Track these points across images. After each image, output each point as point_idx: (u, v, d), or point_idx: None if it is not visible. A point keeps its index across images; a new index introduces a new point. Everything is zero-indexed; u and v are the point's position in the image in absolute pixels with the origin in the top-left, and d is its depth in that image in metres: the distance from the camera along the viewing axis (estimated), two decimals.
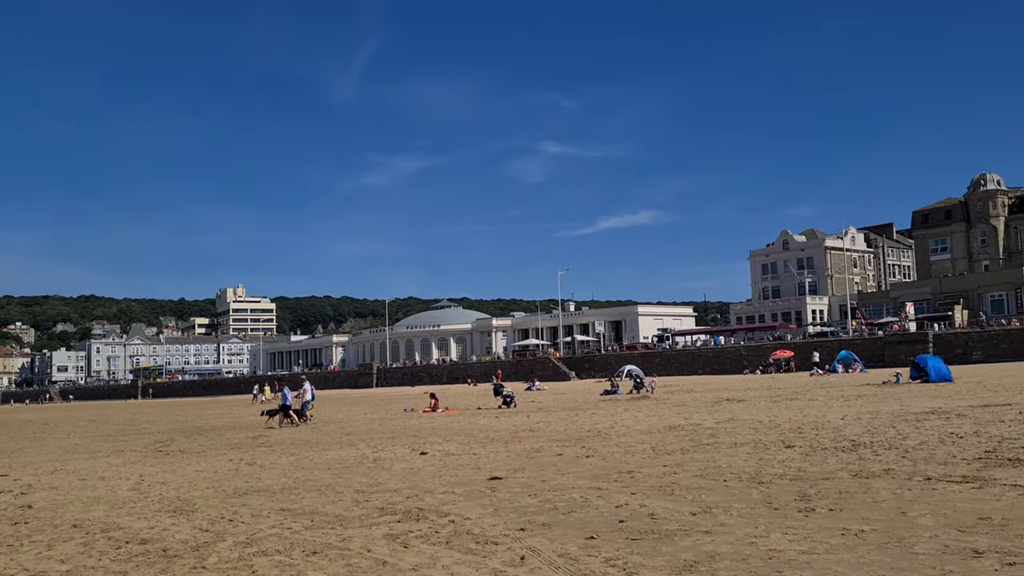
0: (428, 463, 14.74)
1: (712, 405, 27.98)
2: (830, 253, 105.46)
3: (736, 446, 14.94)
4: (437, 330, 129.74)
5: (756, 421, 20.24)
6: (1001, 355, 62.35)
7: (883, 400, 25.89)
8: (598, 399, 37.37)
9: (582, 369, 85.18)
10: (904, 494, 9.30)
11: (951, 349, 64.01)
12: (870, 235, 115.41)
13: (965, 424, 16.72)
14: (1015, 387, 28.66)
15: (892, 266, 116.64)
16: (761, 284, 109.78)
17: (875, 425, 17.56)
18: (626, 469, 12.54)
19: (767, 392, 35.07)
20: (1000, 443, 13.32)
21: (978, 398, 24.26)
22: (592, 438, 18.11)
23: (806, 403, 26.33)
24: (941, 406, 21.89)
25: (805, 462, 12.33)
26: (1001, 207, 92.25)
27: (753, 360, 73.16)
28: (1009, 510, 8.11)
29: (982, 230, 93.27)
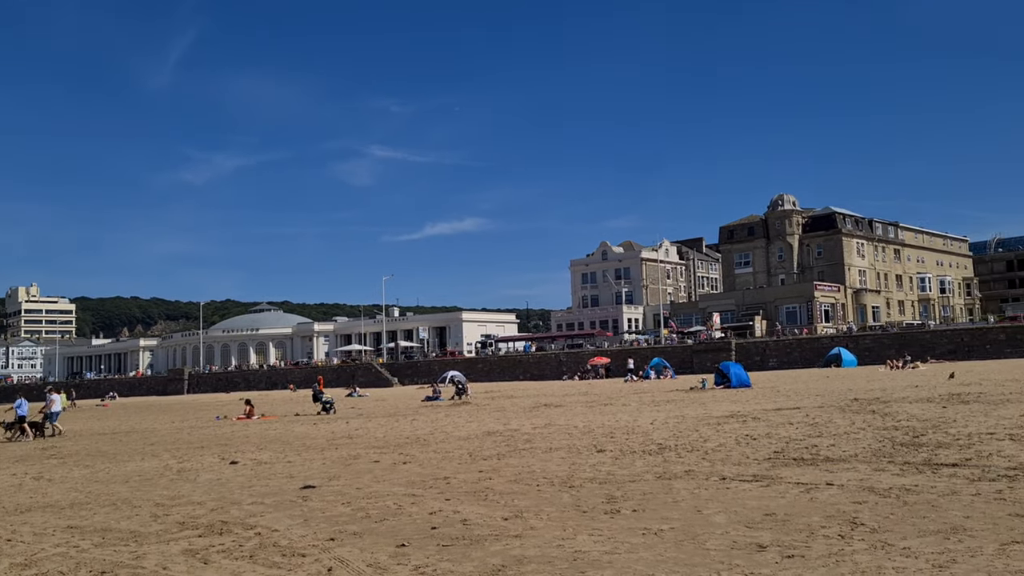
0: (238, 473, 14.13)
1: (531, 411, 28.57)
2: (646, 264, 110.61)
3: (551, 451, 15.31)
4: (256, 334, 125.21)
5: (571, 426, 20.84)
6: (793, 362, 67.65)
7: (689, 405, 27.37)
8: (420, 405, 37.28)
9: (405, 375, 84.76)
10: (701, 493, 9.85)
11: (751, 356, 68.76)
12: (682, 248, 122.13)
13: (759, 427, 17.95)
14: (804, 392, 31.12)
15: (701, 278, 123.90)
16: (581, 293, 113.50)
17: (681, 429, 18.51)
18: (442, 475, 12.55)
19: (584, 398, 36.23)
20: (788, 444, 14.39)
21: (772, 402, 26.14)
22: (411, 444, 18.01)
23: (619, 408, 27.40)
24: (740, 410, 23.41)
25: (615, 465, 12.80)
26: (796, 226, 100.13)
27: (572, 366, 75.48)
28: (791, 506, 8.75)
29: (779, 247, 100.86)
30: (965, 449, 12.42)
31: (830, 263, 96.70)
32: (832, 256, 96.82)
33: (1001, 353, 60.57)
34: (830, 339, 70.57)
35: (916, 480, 9.95)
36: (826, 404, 23.67)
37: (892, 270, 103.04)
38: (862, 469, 11.06)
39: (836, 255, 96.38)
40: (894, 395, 26.11)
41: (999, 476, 9.88)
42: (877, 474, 10.58)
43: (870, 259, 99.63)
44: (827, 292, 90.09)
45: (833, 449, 13.32)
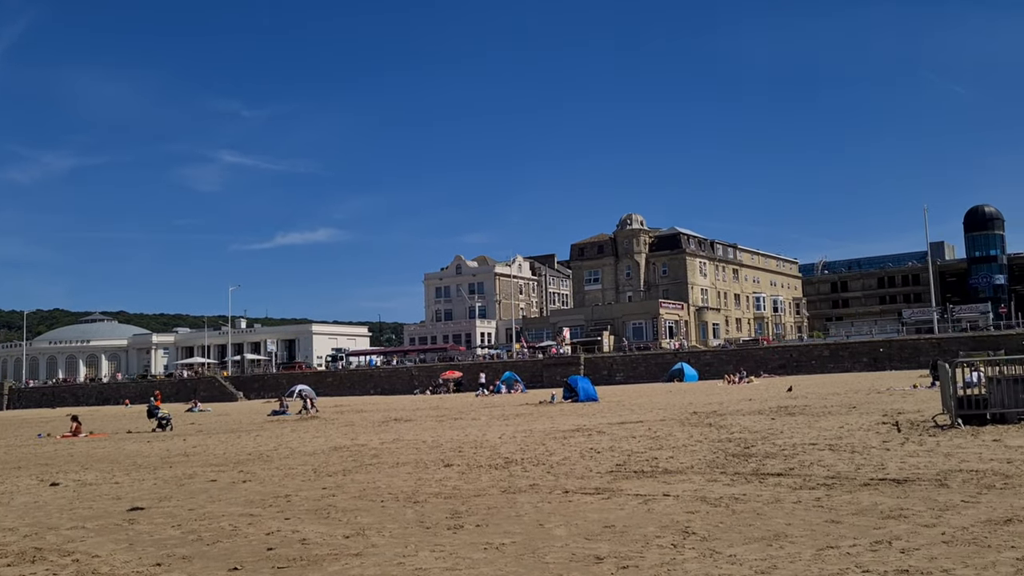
0: (58, 495, 13.15)
1: (380, 425, 28.19)
2: (499, 279, 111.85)
3: (398, 466, 15.13)
4: (86, 346, 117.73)
5: (420, 441, 20.70)
6: (639, 376, 70.09)
7: (538, 419, 27.78)
8: (265, 420, 36.06)
9: (251, 389, 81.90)
10: (544, 507, 9.97)
11: (599, 371, 70.70)
12: (535, 264, 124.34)
13: (603, 440, 18.42)
14: (648, 406, 32.25)
15: (553, 294, 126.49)
16: (435, 307, 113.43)
17: (528, 443, 18.73)
18: (283, 493, 12.14)
19: (434, 412, 36.12)
20: (630, 457, 14.83)
21: (617, 416, 26.91)
22: (252, 461, 17.35)
23: (469, 422, 27.47)
24: (586, 424, 23.96)
25: (461, 480, 12.78)
26: (643, 245, 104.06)
27: (424, 381, 75.20)
28: (630, 518, 9.00)
29: (628, 264, 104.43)
30: (790, 459, 13.18)
31: (675, 281, 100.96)
32: (677, 275, 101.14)
33: (825, 368, 65.07)
34: (673, 354, 73.55)
35: (745, 489, 10.46)
36: (667, 418, 24.60)
37: (731, 289, 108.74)
38: (697, 480, 11.52)
39: (680, 274, 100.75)
40: (730, 408, 27.46)
41: (818, 484, 10.52)
42: (710, 484, 11.05)
43: (711, 278, 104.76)
44: (671, 309, 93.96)
45: (671, 461, 13.82)
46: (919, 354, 61.45)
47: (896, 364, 62.64)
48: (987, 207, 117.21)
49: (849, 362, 65.75)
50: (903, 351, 64.77)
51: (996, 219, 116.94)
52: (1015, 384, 16.84)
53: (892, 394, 30.71)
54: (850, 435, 16.36)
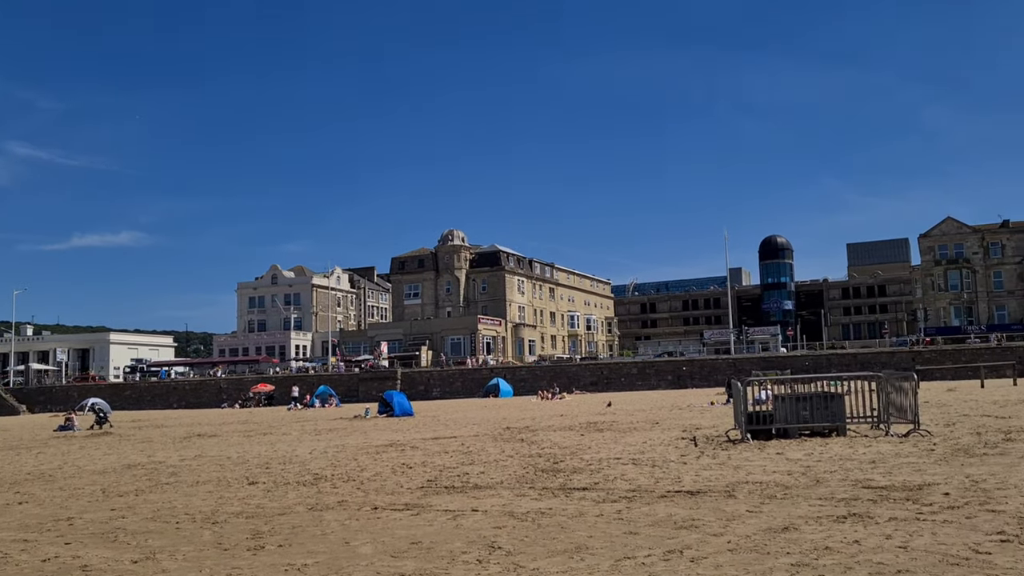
0: None
1: (181, 441, 26.69)
2: (317, 291, 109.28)
3: (198, 484, 14.35)
4: None
5: (224, 457, 19.76)
6: (456, 392, 70.45)
7: (351, 434, 27.26)
8: (51, 436, 33.22)
9: (37, 402, 75.34)
10: (352, 524, 9.75)
11: (416, 386, 70.47)
12: (354, 276, 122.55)
13: (416, 455, 18.32)
14: (463, 421, 32.43)
15: (372, 307, 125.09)
16: (248, 317, 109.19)
17: (339, 458, 18.32)
18: (65, 516, 11.19)
19: (243, 426, 34.66)
20: (441, 472, 14.82)
21: (431, 431, 26.88)
22: (31, 481, 15.90)
23: (279, 437, 26.55)
24: (400, 439, 23.76)
25: (266, 498, 12.29)
26: (464, 261, 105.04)
27: (233, 393, 72.07)
28: (438, 534, 8.97)
29: (448, 280, 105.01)
30: (595, 473, 13.63)
31: (493, 298, 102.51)
32: (496, 291, 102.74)
33: (633, 385, 68.11)
34: (490, 370, 74.53)
35: (551, 504, 10.70)
36: (481, 433, 24.83)
37: (547, 307, 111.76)
38: (506, 495, 11.67)
39: (499, 291, 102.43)
40: (542, 424, 28.10)
41: (620, 498, 10.93)
42: (519, 499, 11.22)
43: (529, 296, 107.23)
44: (489, 325, 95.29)
45: (482, 476, 13.94)
46: (717, 373, 65.58)
47: (697, 382, 66.53)
48: (779, 237, 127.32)
49: (655, 379, 69.13)
50: (703, 369, 68.89)
51: (786, 249, 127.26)
52: (797, 402, 18.29)
53: (692, 410, 32.51)
54: (652, 450, 17.14)
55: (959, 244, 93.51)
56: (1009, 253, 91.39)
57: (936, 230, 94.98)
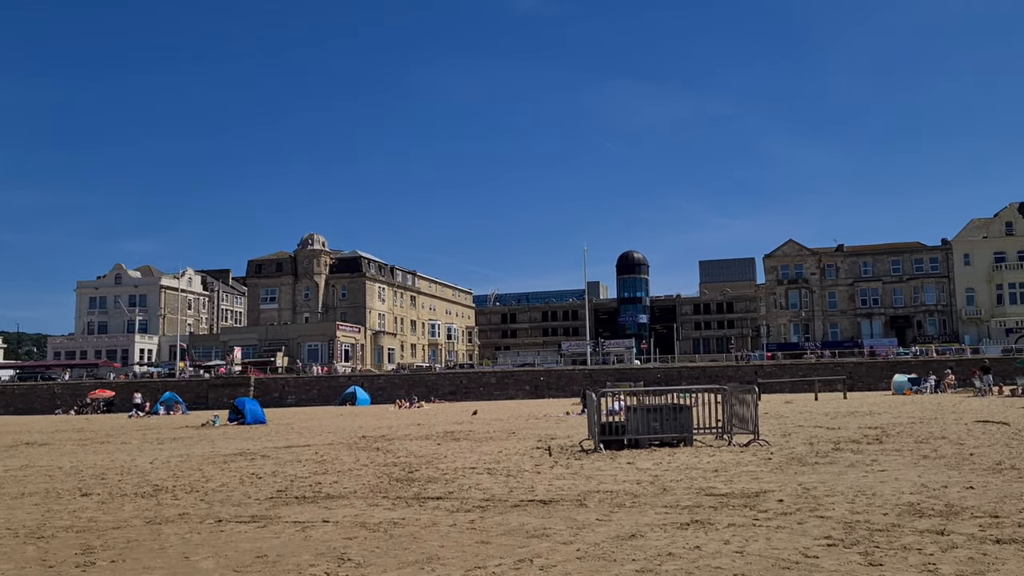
0: None
1: (7, 450, 24.79)
2: (166, 292, 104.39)
3: (23, 496, 13.34)
4: None
5: (55, 467, 18.49)
6: (312, 399, 68.90)
7: (198, 443, 26.12)
8: None
9: None
10: (193, 538, 9.30)
11: (270, 393, 68.45)
12: (208, 278, 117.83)
13: (267, 465, 17.73)
14: (318, 429, 31.70)
15: (226, 311, 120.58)
16: (87, 318, 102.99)
17: (183, 468, 17.49)
18: None
19: (78, 434, 32.58)
20: (292, 482, 14.40)
21: (284, 439, 26.11)
22: None
23: (118, 446, 25.10)
24: (250, 447, 22.94)
25: (99, 511, 11.56)
26: (324, 266, 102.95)
27: (69, 399, 67.74)
28: (285, 546, 8.68)
29: (307, 285, 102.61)
30: (450, 483, 13.60)
31: (353, 305, 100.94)
32: (356, 298, 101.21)
33: (492, 395, 68.64)
34: (347, 378, 73.31)
35: (404, 514, 10.57)
36: (336, 442, 24.33)
37: (408, 315, 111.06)
38: (358, 505, 11.45)
39: (359, 297, 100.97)
40: (399, 433, 27.84)
41: (474, 507, 10.94)
42: (371, 509, 11.03)
43: (389, 303, 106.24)
44: (348, 332, 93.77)
45: (335, 486, 13.63)
46: (574, 383, 67.04)
47: (554, 392, 67.76)
48: (635, 253, 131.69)
49: (514, 389, 69.92)
50: (560, 380, 70.24)
51: (642, 264, 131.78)
52: (648, 413, 18.90)
53: (548, 420, 33.05)
54: (507, 459, 17.28)
55: (799, 265, 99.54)
56: (843, 275, 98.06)
57: (779, 251, 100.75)
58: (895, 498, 10.42)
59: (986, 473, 12.55)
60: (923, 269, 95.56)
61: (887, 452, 16.00)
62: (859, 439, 19.01)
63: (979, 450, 15.77)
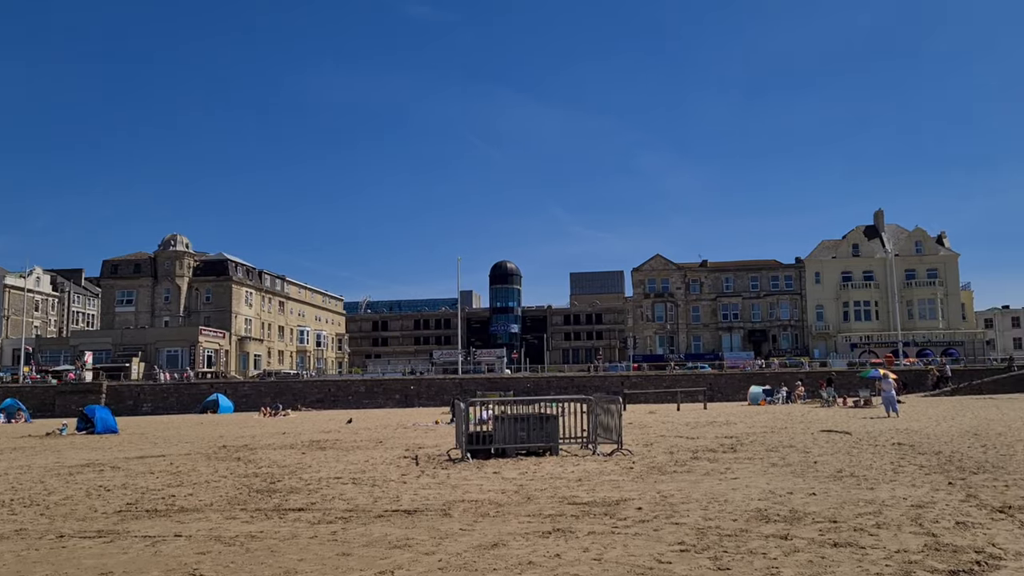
0: None
1: None
2: (10, 292, 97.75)
3: None
4: None
5: None
6: (170, 407, 65.97)
7: (41, 453, 24.54)
8: None
9: None
10: (30, 555, 8.72)
11: (124, 400, 65.12)
12: (58, 278, 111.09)
13: (117, 476, 16.84)
14: (175, 438, 30.35)
15: (77, 313, 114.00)
16: None
17: (23, 481, 16.39)
18: None
19: None
20: (144, 494, 13.73)
21: (138, 450, 24.87)
22: None
23: None
24: (99, 458, 21.73)
25: None
26: (187, 268, 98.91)
27: None
28: (132, 562, 8.26)
29: (167, 287, 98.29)
30: (313, 493, 13.30)
31: (218, 309, 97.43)
32: (221, 302, 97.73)
33: (361, 403, 67.67)
34: (209, 385, 70.65)
35: (263, 526, 10.27)
36: (194, 451, 23.37)
37: (276, 321, 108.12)
38: (214, 518, 11.04)
39: (225, 302, 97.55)
40: (262, 442, 27.02)
41: (337, 518, 10.74)
42: (228, 522, 10.66)
43: (257, 308, 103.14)
44: (212, 337, 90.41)
45: (190, 499, 13.09)
46: (444, 392, 66.92)
47: (424, 401, 67.45)
48: (509, 263, 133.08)
49: (383, 398, 69.17)
50: (431, 389, 69.98)
51: (515, 275, 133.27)
52: (515, 423, 19.09)
53: (417, 429, 32.85)
54: (374, 469, 17.06)
55: (665, 279, 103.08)
56: (706, 290, 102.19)
57: (647, 265, 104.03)
58: (745, 504, 10.92)
59: (828, 480, 13.33)
60: (779, 286, 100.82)
61: (740, 460, 16.75)
62: (715, 448, 19.82)
63: (823, 458, 16.74)
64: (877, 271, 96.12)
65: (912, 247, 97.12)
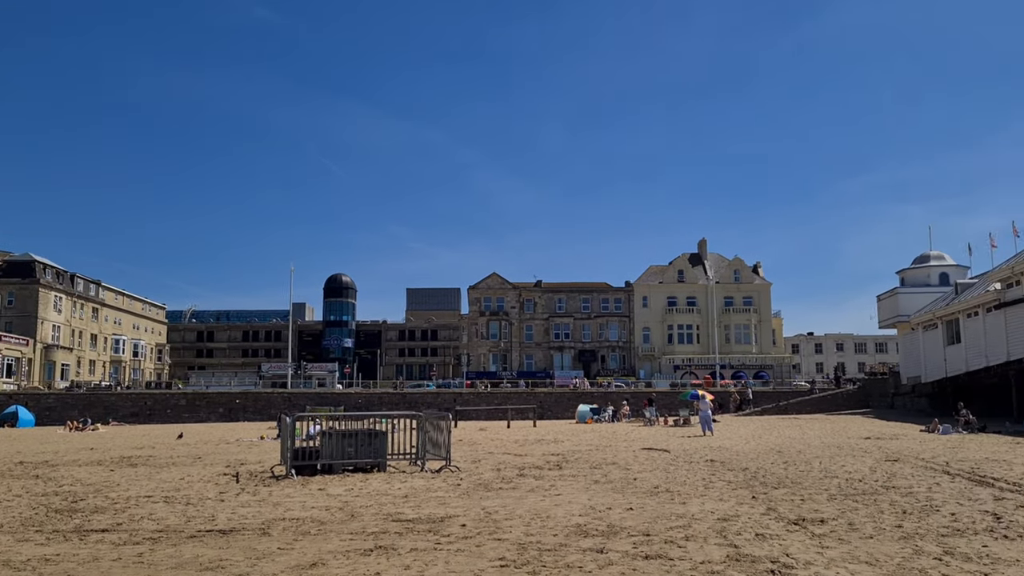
0: None
1: None
2: None
3: None
4: None
5: None
6: None
7: None
8: None
9: None
10: None
11: None
12: None
13: None
14: None
15: None
16: None
17: None
18: None
19: None
20: None
21: None
22: None
23: None
24: None
25: None
26: None
27: None
28: None
29: None
30: (120, 513, 12.50)
31: (22, 314, 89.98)
32: (25, 307, 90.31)
33: (180, 417, 64.25)
34: (8, 396, 65.03)
35: (60, 549, 9.54)
36: None
37: (89, 328, 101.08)
38: (4, 540, 10.16)
39: (30, 306, 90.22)
40: (66, 458, 25.14)
41: (144, 539, 10.14)
42: (20, 545, 9.83)
43: (67, 315, 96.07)
44: (13, 344, 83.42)
45: None
46: (272, 407, 64.69)
47: (250, 415, 64.91)
48: (344, 276, 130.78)
49: (206, 412, 66.02)
50: (258, 403, 67.47)
51: (350, 288, 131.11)
52: (343, 439, 18.74)
53: (241, 445, 31.59)
54: (189, 487, 16.25)
55: (501, 298, 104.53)
56: (540, 310, 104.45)
57: (483, 283, 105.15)
58: (566, 520, 11.21)
59: (645, 496, 13.91)
60: (609, 308, 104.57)
61: (565, 477, 17.18)
62: (542, 465, 20.24)
63: (642, 475, 17.45)
64: (699, 297, 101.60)
65: (731, 275, 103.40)
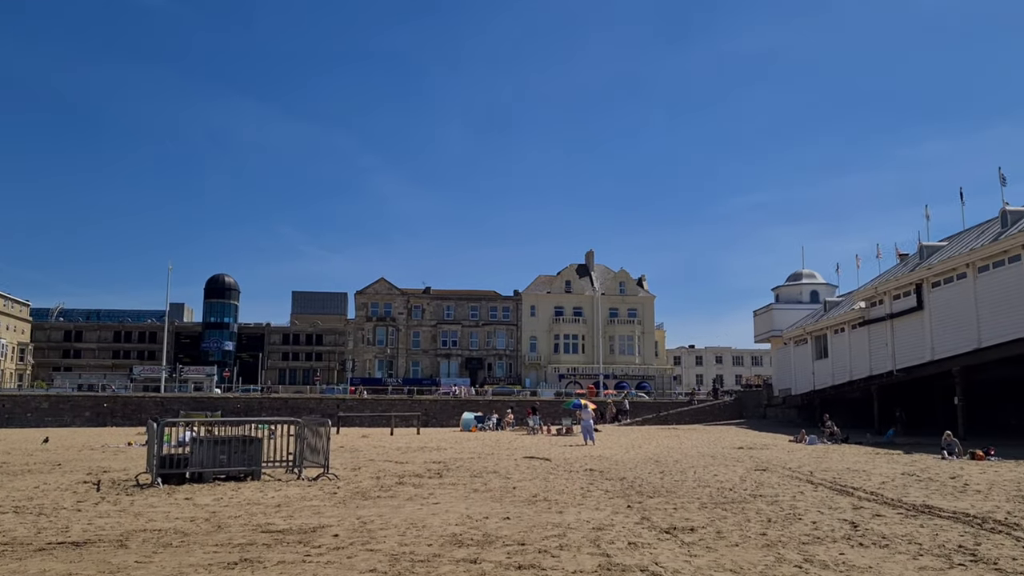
0: None
1: None
2: None
3: None
4: None
5: None
6: None
7: None
8: None
9: None
10: None
11: None
12: None
13: None
14: None
15: None
16: None
17: None
18: None
19: None
20: None
21: None
22: None
23: None
24: None
25: None
26: None
27: None
28: None
29: None
30: None
31: None
32: None
33: (43, 422, 60.72)
34: None
35: None
36: None
37: None
38: None
39: None
40: None
41: None
42: None
43: None
44: None
45: None
46: (143, 411, 61.88)
47: (120, 420, 61.93)
48: (227, 277, 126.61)
49: (71, 415, 62.63)
50: (128, 407, 64.45)
51: (233, 289, 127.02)
52: (215, 445, 18.02)
53: (106, 451, 30.06)
54: (44, 495, 15.29)
55: (388, 303, 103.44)
56: (428, 316, 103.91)
57: (371, 288, 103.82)
58: (442, 530, 11.07)
59: (523, 504, 13.92)
60: (497, 316, 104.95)
61: (444, 486, 17.03)
62: (423, 473, 20.03)
63: (522, 483, 17.49)
64: (586, 307, 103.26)
65: (617, 287, 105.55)
